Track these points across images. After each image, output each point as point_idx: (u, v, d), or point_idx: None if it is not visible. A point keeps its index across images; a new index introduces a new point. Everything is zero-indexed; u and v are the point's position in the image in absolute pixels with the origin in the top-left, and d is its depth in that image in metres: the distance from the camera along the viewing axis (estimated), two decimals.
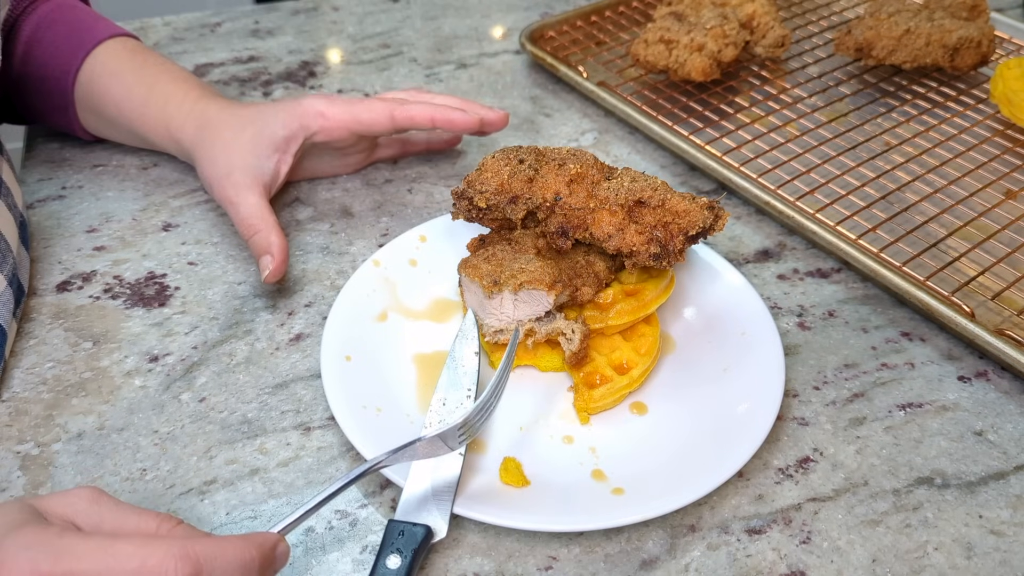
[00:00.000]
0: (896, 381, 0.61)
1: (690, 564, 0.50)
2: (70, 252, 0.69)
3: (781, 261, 0.71)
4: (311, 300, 0.66)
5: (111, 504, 0.42)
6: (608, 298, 0.59)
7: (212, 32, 0.97)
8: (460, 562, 0.50)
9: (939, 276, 0.65)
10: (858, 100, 0.86)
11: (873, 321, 0.66)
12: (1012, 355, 0.59)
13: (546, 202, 0.58)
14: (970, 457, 0.56)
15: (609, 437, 0.56)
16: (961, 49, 0.83)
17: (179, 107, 0.70)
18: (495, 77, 0.91)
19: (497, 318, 0.58)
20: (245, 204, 0.66)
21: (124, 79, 0.71)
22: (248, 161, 0.67)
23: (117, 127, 0.73)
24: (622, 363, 0.58)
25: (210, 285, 0.67)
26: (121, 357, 0.61)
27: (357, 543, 0.51)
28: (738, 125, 0.81)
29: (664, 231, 0.57)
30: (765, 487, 0.54)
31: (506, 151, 0.60)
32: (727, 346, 0.60)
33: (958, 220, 0.71)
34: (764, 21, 0.85)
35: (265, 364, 0.61)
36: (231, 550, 0.40)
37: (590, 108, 0.87)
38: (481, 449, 0.55)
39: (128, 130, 0.73)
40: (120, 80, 0.71)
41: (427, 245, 0.67)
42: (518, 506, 0.51)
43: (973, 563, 0.51)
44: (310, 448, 0.56)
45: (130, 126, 0.72)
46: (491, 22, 1.01)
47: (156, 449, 0.55)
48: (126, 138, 0.75)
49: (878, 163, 0.77)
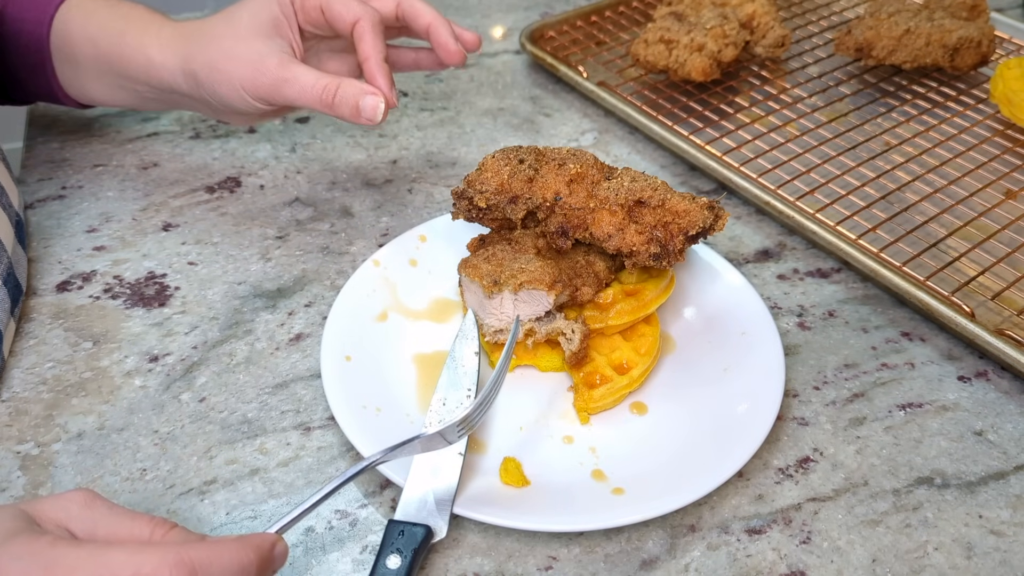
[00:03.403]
0: (896, 381, 0.61)
1: (690, 564, 0.50)
2: (70, 252, 0.69)
3: (781, 261, 0.71)
4: (311, 300, 0.66)
5: (105, 508, 0.41)
6: (608, 298, 0.59)
7: None
8: (460, 562, 0.50)
9: (939, 276, 0.65)
10: (858, 100, 0.86)
11: (873, 321, 0.66)
12: (1012, 355, 0.59)
13: (546, 202, 0.58)
14: (970, 457, 0.56)
15: (609, 437, 0.56)
16: (961, 49, 0.83)
17: (159, 31, 0.67)
18: (495, 77, 0.91)
19: (497, 318, 0.58)
20: (301, 72, 0.62)
21: (98, 16, 0.68)
22: (268, 42, 0.63)
23: (95, 70, 0.70)
24: (622, 363, 0.58)
25: (210, 285, 0.67)
26: (121, 357, 0.61)
27: (357, 543, 0.51)
28: (738, 125, 0.81)
29: (664, 231, 0.57)
30: (765, 487, 0.54)
31: (506, 151, 0.60)
32: (727, 346, 0.60)
33: (958, 220, 0.71)
34: (764, 21, 0.85)
35: (265, 364, 0.61)
36: (227, 554, 0.39)
37: (590, 108, 0.87)
38: (481, 449, 0.55)
39: (107, 70, 0.69)
40: (95, 18, 0.68)
41: (427, 245, 0.67)
42: (518, 506, 0.51)
43: (973, 563, 0.51)
44: (310, 448, 0.56)
45: (108, 63, 0.68)
46: (491, 22, 1.01)
47: (156, 449, 0.55)
48: (102, 87, 0.71)
49: (878, 163, 0.77)
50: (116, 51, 0.67)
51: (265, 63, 0.63)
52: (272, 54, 0.63)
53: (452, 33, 0.68)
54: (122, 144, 0.79)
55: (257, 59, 0.63)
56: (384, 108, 0.62)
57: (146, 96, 0.71)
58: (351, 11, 0.64)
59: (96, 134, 0.80)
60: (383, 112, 0.62)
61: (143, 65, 0.67)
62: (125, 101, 0.73)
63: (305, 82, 0.62)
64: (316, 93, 0.62)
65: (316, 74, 0.62)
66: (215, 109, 0.69)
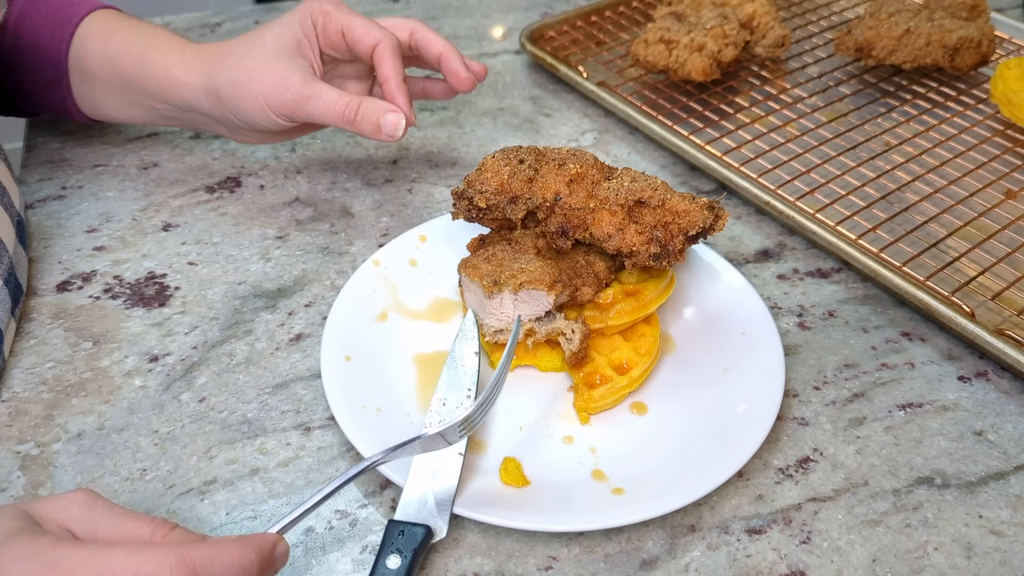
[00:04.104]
0: (896, 381, 0.61)
1: (690, 564, 0.50)
2: (70, 252, 0.69)
3: (781, 261, 0.71)
4: (311, 300, 0.66)
5: (106, 508, 0.41)
6: (608, 298, 0.59)
7: (212, 32, 0.97)
8: (460, 562, 0.50)
9: (939, 276, 0.65)
10: (858, 100, 0.86)
11: (873, 321, 0.66)
12: (1012, 355, 0.59)
13: (546, 202, 0.58)
14: (970, 457, 0.56)
15: (609, 437, 0.56)
16: (961, 49, 0.83)
17: (183, 51, 0.69)
18: (495, 77, 0.91)
19: (497, 318, 0.58)
20: (324, 90, 0.65)
21: (121, 35, 0.70)
22: (291, 62, 0.66)
23: (112, 88, 0.71)
24: (622, 363, 0.58)
25: (210, 285, 0.67)
26: (121, 357, 0.61)
27: (357, 543, 0.51)
28: (738, 125, 0.81)
29: (664, 231, 0.57)
30: (765, 487, 0.54)
31: (506, 151, 0.60)
32: (727, 346, 0.60)
33: (958, 220, 0.71)
34: (764, 21, 0.85)
35: (265, 364, 0.61)
36: (228, 554, 0.40)
37: (590, 108, 0.87)
38: (481, 449, 0.55)
39: (125, 86, 0.70)
40: (117, 37, 0.70)
41: (427, 245, 0.67)
42: (518, 506, 0.51)
43: (973, 563, 0.51)
44: (310, 448, 0.56)
45: (127, 81, 0.69)
46: (491, 22, 1.01)
47: (156, 449, 0.55)
48: (119, 104, 0.72)
49: (878, 163, 0.77)
50: (137, 69, 0.69)
51: (290, 80, 0.65)
52: (296, 72, 0.66)
53: (462, 61, 0.71)
54: (122, 144, 0.79)
55: (281, 77, 0.65)
56: (404, 125, 0.65)
57: (163, 113, 0.72)
58: (371, 35, 0.67)
59: (96, 134, 0.80)
60: (403, 129, 0.66)
61: (165, 83, 0.69)
62: (139, 118, 0.74)
63: (328, 99, 0.65)
64: (339, 110, 0.65)
65: (339, 92, 0.65)
66: (231, 127, 0.71)
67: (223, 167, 0.78)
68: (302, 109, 0.66)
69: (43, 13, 0.71)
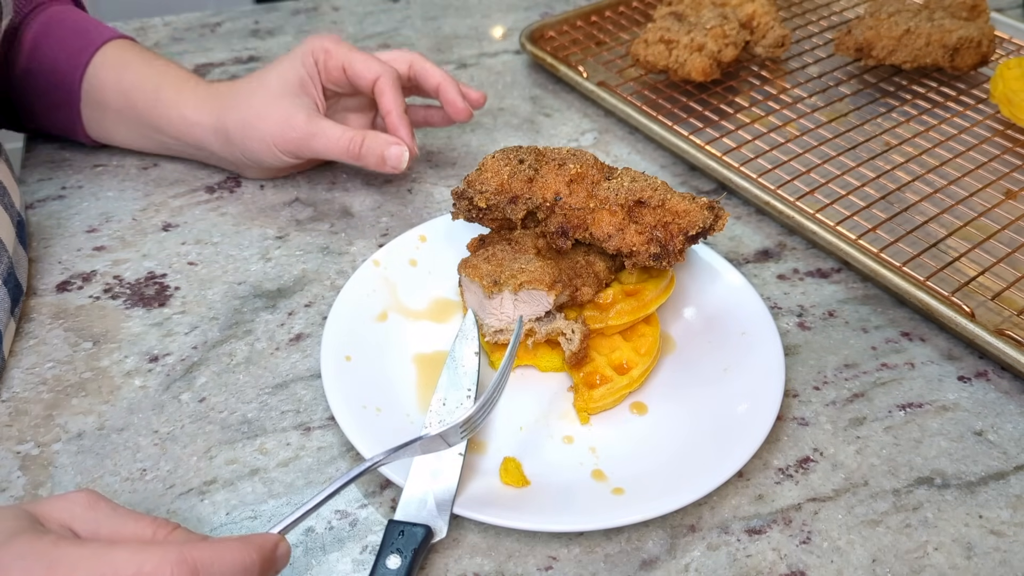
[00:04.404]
0: (896, 381, 0.61)
1: (690, 564, 0.50)
2: (70, 252, 0.69)
3: (781, 261, 0.71)
4: (311, 300, 0.66)
5: (107, 508, 0.42)
6: (608, 298, 0.59)
7: (212, 32, 0.97)
8: (460, 562, 0.50)
9: (939, 276, 0.65)
10: (858, 100, 0.86)
11: (873, 321, 0.66)
12: (1012, 355, 0.59)
13: (546, 202, 0.58)
14: (970, 457, 0.56)
15: (609, 437, 0.56)
16: (961, 49, 0.83)
17: (195, 90, 0.71)
18: (495, 77, 0.91)
19: (497, 318, 0.58)
20: (328, 127, 0.67)
21: (136, 68, 0.72)
22: (295, 100, 0.68)
23: (123, 120, 0.73)
24: (622, 363, 0.58)
25: (210, 285, 0.67)
26: (121, 357, 0.61)
27: (357, 543, 0.51)
28: (738, 125, 0.81)
29: (664, 231, 0.57)
30: (765, 487, 0.54)
31: (506, 151, 0.60)
32: (727, 346, 0.60)
33: (958, 220, 0.71)
34: (764, 21, 0.85)
35: (265, 364, 0.61)
36: (229, 554, 0.40)
37: (590, 108, 0.87)
38: (481, 449, 0.55)
39: (136, 120, 0.72)
40: (133, 70, 0.71)
41: (427, 245, 0.67)
42: (518, 506, 0.51)
43: (973, 563, 0.51)
44: (310, 448, 0.56)
45: (139, 115, 0.72)
46: (491, 22, 1.01)
47: (156, 449, 0.55)
48: (128, 134, 0.74)
49: (878, 163, 0.77)
50: (150, 106, 0.71)
51: (294, 119, 0.67)
52: (300, 111, 0.68)
53: (459, 92, 0.73)
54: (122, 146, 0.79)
55: (286, 116, 0.67)
56: (407, 157, 0.68)
57: (172, 148, 0.75)
58: (371, 70, 0.69)
59: None
60: (407, 160, 0.68)
61: (176, 122, 0.71)
62: (148, 148, 0.76)
63: (332, 135, 0.67)
64: (343, 145, 0.67)
65: (342, 128, 0.68)
66: (239, 164, 0.73)
67: None
68: (307, 146, 0.68)
69: (60, 37, 0.72)
